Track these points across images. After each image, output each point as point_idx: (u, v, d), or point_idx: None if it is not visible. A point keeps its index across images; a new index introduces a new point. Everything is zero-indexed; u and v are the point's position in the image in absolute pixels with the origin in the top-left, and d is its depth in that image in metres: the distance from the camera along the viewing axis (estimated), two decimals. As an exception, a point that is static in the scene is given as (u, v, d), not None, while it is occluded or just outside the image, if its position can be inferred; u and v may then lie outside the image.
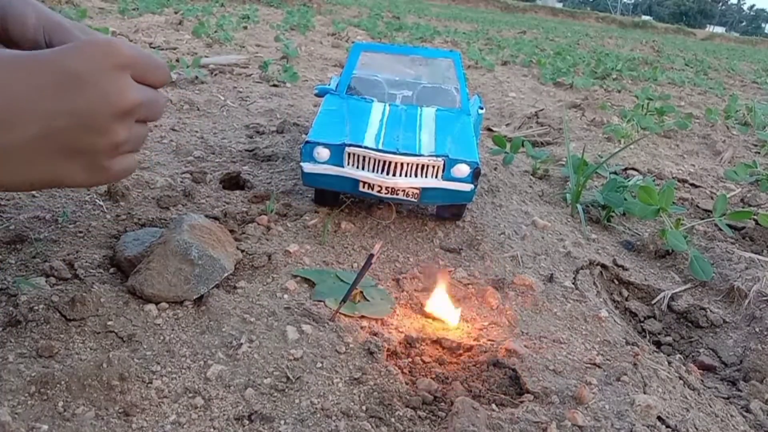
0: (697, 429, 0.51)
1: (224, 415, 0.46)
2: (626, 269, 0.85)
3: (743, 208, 1.20)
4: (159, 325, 0.54)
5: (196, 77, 1.71)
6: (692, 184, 1.34)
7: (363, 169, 0.76)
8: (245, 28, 3.62)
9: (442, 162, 0.75)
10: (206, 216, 0.74)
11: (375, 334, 0.59)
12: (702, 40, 18.17)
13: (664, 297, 0.79)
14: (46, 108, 0.36)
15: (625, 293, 0.81)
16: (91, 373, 0.46)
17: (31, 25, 0.45)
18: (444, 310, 0.64)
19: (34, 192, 0.76)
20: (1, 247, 0.64)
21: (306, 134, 1.28)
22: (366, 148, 0.75)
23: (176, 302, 0.58)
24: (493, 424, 0.47)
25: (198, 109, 1.40)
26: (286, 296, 0.62)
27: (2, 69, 0.36)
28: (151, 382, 0.47)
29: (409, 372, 0.55)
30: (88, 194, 0.79)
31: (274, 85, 1.87)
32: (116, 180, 0.43)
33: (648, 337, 0.73)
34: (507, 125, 1.88)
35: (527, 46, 5.10)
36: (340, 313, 0.60)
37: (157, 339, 0.53)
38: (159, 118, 0.45)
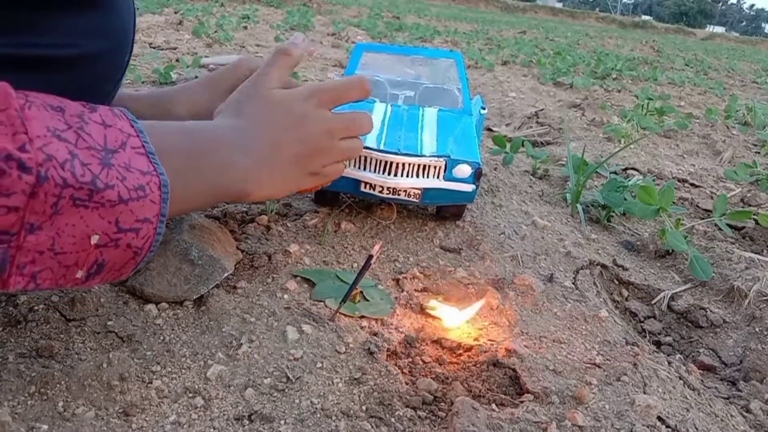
0: (697, 429, 0.51)
1: (224, 415, 0.46)
2: (626, 269, 0.85)
3: (743, 208, 1.20)
4: (159, 325, 0.54)
5: (196, 77, 1.71)
6: (692, 184, 1.34)
7: (364, 169, 0.76)
8: (245, 28, 3.63)
9: (444, 162, 0.75)
10: (206, 216, 0.74)
11: (375, 334, 0.59)
12: (702, 40, 18.17)
13: (664, 297, 0.79)
14: (294, 136, 0.54)
15: (625, 293, 0.81)
16: (91, 373, 0.46)
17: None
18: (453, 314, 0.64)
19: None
20: (1, 247, 0.64)
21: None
22: (367, 148, 0.75)
23: (176, 302, 0.58)
24: (493, 424, 0.47)
25: (198, 109, 1.40)
26: (286, 296, 0.62)
27: (267, 112, 0.54)
28: (151, 382, 0.47)
29: (409, 372, 0.55)
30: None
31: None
32: (330, 181, 0.61)
33: (648, 337, 0.73)
34: (507, 125, 1.88)
35: (527, 46, 5.10)
36: (340, 313, 0.60)
37: (157, 339, 0.53)
38: (368, 130, 0.61)
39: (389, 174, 0.75)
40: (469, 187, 0.77)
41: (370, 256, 0.60)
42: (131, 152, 0.39)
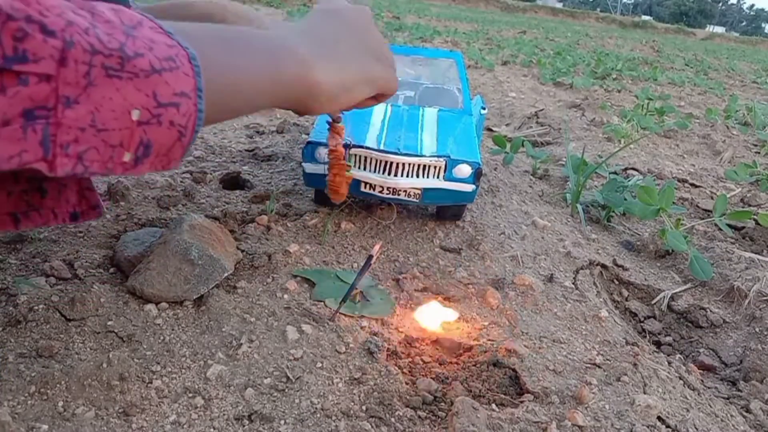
0: (697, 429, 0.51)
1: (224, 415, 0.46)
2: (626, 269, 0.85)
3: (743, 208, 1.20)
4: (159, 325, 0.54)
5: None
6: (692, 184, 1.34)
7: (364, 169, 0.76)
8: (245, 28, 3.62)
9: (444, 162, 0.75)
10: (206, 216, 0.74)
11: (375, 334, 0.59)
12: (702, 40, 18.17)
13: (664, 297, 0.79)
14: (355, 33, 0.53)
15: (625, 293, 0.81)
16: (91, 373, 0.46)
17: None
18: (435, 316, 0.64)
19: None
20: (1, 247, 0.64)
21: (307, 134, 1.28)
22: (368, 148, 0.74)
23: (176, 302, 0.58)
24: (493, 424, 0.47)
25: (198, 109, 1.40)
26: (286, 296, 0.62)
27: (326, 19, 0.53)
28: (151, 382, 0.47)
29: (409, 372, 0.55)
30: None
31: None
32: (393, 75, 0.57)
33: (648, 337, 0.73)
34: (507, 125, 1.88)
35: (527, 46, 5.09)
36: (340, 313, 0.60)
37: (157, 339, 0.53)
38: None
39: (389, 174, 0.75)
40: (469, 187, 0.77)
41: (370, 256, 0.60)
42: (149, 30, 0.37)
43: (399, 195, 0.76)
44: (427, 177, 0.76)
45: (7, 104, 0.29)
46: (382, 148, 0.75)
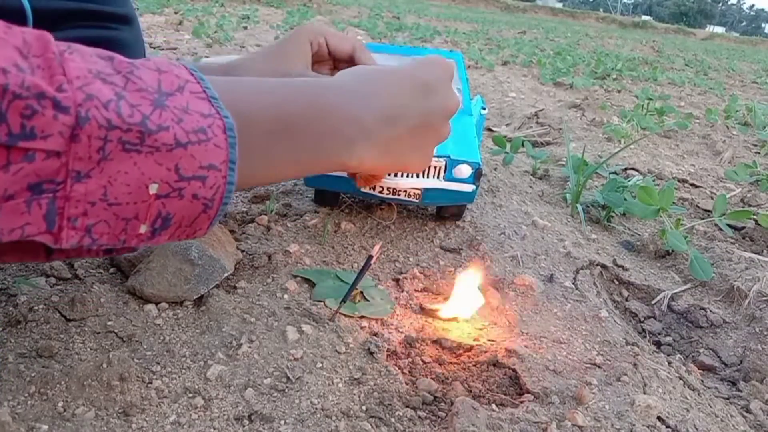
0: (697, 429, 0.51)
1: (224, 415, 0.46)
2: (626, 269, 0.85)
3: (743, 208, 1.20)
4: (159, 325, 0.54)
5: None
6: (692, 184, 1.34)
7: (363, 169, 0.76)
8: (245, 28, 3.63)
9: (444, 162, 0.75)
10: (206, 216, 0.74)
11: (375, 334, 0.59)
12: (702, 40, 18.17)
13: (664, 297, 0.79)
14: (414, 108, 0.48)
15: (625, 293, 0.81)
16: (91, 373, 0.46)
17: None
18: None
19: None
20: (1, 247, 0.64)
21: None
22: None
23: (176, 302, 0.58)
24: (493, 424, 0.47)
25: (198, 109, 1.40)
26: (286, 296, 0.62)
27: (386, 78, 0.48)
28: (151, 382, 0.47)
29: (409, 372, 0.55)
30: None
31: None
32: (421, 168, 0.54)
33: (648, 337, 0.73)
34: (507, 125, 1.88)
35: (527, 46, 5.10)
36: (340, 313, 0.60)
37: (157, 339, 0.53)
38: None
39: (389, 174, 0.75)
40: (469, 188, 0.77)
41: (370, 257, 0.60)
42: (189, 95, 0.35)
43: (399, 195, 0.76)
44: (427, 177, 0.76)
45: (10, 180, 0.29)
46: (382, 148, 0.75)
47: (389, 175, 0.75)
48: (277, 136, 0.41)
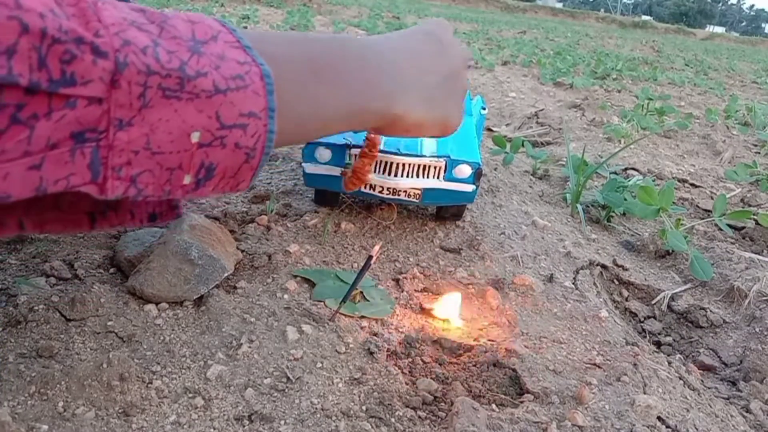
0: (697, 429, 0.51)
1: (224, 415, 0.46)
2: (626, 269, 0.85)
3: (743, 208, 1.20)
4: (159, 325, 0.54)
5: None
6: (692, 184, 1.34)
7: (363, 169, 0.76)
8: (245, 28, 3.62)
9: (444, 163, 0.75)
10: (206, 216, 0.74)
11: (375, 334, 0.59)
12: (702, 40, 18.17)
13: (664, 297, 0.79)
14: (438, 59, 0.51)
15: (625, 293, 0.81)
16: (91, 373, 0.46)
17: None
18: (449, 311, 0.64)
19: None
20: (1, 247, 0.64)
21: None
22: (366, 148, 0.74)
23: (176, 302, 0.58)
24: (493, 424, 0.47)
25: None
26: (286, 296, 0.62)
27: (405, 36, 0.51)
28: (151, 382, 0.47)
29: (409, 372, 0.55)
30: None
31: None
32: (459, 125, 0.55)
33: (648, 337, 0.73)
34: (507, 125, 1.88)
35: (527, 46, 5.10)
36: (340, 313, 0.60)
37: (157, 339, 0.53)
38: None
39: (389, 174, 0.75)
40: (469, 188, 0.77)
41: (370, 257, 0.60)
42: (223, 44, 0.35)
43: (399, 195, 0.76)
44: (427, 177, 0.76)
45: (52, 128, 0.28)
46: (382, 148, 0.75)
47: (388, 175, 0.75)
48: (314, 81, 0.40)
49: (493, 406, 0.51)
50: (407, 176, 0.75)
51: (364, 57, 0.44)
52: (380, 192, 0.76)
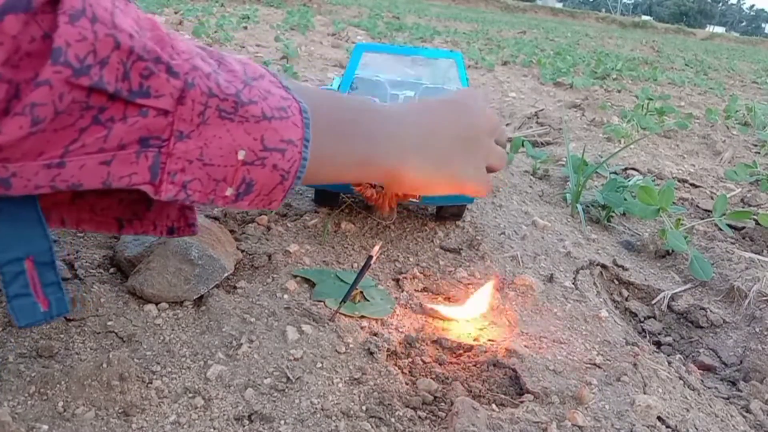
0: (697, 429, 0.51)
1: (224, 415, 0.46)
2: (626, 269, 0.85)
3: (743, 208, 1.20)
4: (159, 325, 0.54)
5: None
6: (692, 184, 1.34)
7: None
8: (245, 28, 3.62)
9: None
10: (206, 216, 0.74)
11: (375, 334, 0.59)
12: (702, 40, 18.17)
13: (664, 297, 0.79)
14: (453, 122, 0.53)
15: (625, 293, 0.81)
16: (90, 373, 0.46)
17: None
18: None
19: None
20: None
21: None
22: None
23: (176, 302, 0.58)
24: (493, 424, 0.47)
25: (198, 109, 1.40)
26: (286, 296, 0.62)
27: (426, 103, 0.56)
28: (151, 382, 0.47)
29: (409, 372, 0.55)
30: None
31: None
32: (489, 188, 0.57)
33: (648, 337, 0.73)
34: (507, 125, 1.88)
35: (527, 46, 5.09)
36: (340, 313, 0.60)
37: (157, 339, 0.53)
38: (505, 145, 0.60)
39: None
40: (469, 187, 0.77)
41: (370, 257, 0.60)
42: (269, 83, 0.40)
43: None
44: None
45: (126, 131, 0.32)
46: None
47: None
48: (334, 131, 0.46)
49: (493, 406, 0.51)
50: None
51: (373, 119, 0.49)
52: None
